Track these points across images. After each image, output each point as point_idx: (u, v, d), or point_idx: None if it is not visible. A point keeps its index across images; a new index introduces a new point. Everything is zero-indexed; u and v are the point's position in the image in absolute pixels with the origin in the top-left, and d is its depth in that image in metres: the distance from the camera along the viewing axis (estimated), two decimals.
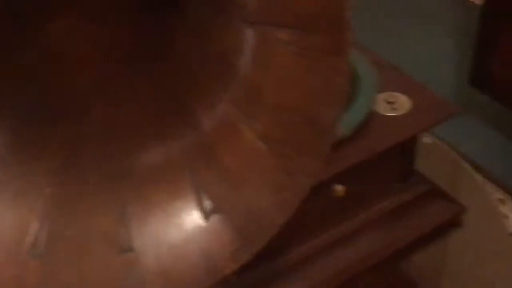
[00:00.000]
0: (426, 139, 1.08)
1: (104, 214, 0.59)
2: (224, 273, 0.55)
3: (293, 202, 0.54)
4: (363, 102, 0.84)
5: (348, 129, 0.82)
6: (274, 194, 0.54)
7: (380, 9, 2.18)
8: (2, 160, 0.59)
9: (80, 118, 0.63)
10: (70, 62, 0.65)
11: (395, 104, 0.86)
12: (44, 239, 0.58)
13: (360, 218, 0.88)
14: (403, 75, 0.91)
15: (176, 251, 0.57)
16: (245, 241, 0.55)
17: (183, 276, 0.56)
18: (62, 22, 0.64)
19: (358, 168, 0.82)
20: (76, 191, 0.60)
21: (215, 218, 0.56)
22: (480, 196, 1.02)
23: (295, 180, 0.53)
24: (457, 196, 0.98)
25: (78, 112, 0.63)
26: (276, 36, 0.52)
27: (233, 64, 0.55)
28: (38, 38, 0.63)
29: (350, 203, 0.87)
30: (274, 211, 0.54)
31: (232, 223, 0.55)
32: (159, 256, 0.57)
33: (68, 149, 0.62)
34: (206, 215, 0.56)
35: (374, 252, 0.88)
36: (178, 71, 0.61)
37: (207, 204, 0.57)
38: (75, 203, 0.60)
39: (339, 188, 0.84)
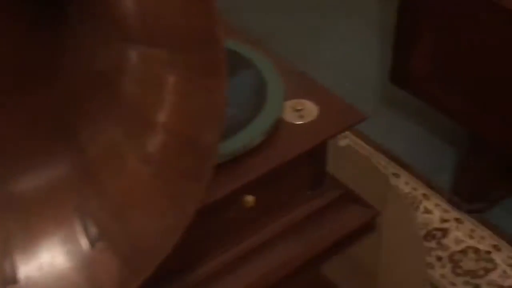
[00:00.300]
0: (342, 142, 1.08)
1: None
2: None
3: (178, 228, 0.52)
4: (270, 110, 0.83)
5: (255, 138, 0.81)
6: (159, 220, 0.52)
7: (305, 5, 2.18)
8: None
9: None
10: None
11: (302, 112, 0.85)
12: None
13: (272, 227, 0.87)
14: (310, 81, 0.90)
15: (63, 282, 0.54)
16: (131, 269, 0.53)
17: None
18: None
19: (267, 177, 0.81)
20: None
21: (100, 246, 0.54)
22: (396, 198, 1.02)
23: (179, 205, 0.51)
24: (374, 197, 0.98)
25: None
26: (155, 56, 0.50)
27: (116, 84, 0.53)
28: None
29: (262, 213, 0.86)
30: (159, 238, 0.52)
31: (117, 250, 0.53)
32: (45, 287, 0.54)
33: None
34: (92, 243, 0.54)
35: (289, 261, 0.87)
36: (62, 92, 0.59)
37: (93, 231, 0.54)
38: None
39: (249, 199, 0.83)
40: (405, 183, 1.60)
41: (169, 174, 0.51)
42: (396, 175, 1.61)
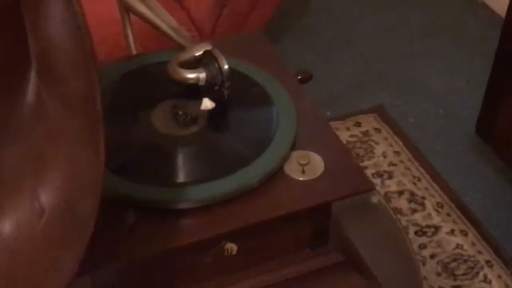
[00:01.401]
0: (374, 198, 0.99)
1: None
2: None
3: None
4: (267, 158, 0.77)
5: (244, 186, 0.75)
6: (42, 280, 0.49)
7: (421, 30, 2.06)
8: None
9: None
10: None
11: (306, 166, 0.77)
12: None
13: (253, 281, 0.81)
14: (329, 134, 0.83)
15: None
16: None
17: None
18: None
19: (252, 229, 0.75)
20: None
21: None
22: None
23: (58, 270, 0.48)
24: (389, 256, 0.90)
25: None
26: (56, 106, 0.46)
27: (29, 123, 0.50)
28: None
29: (245, 264, 0.80)
30: None
31: None
32: None
33: None
34: None
35: None
36: None
37: None
38: None
39: (231, 247, 0.78)
40: (471, 244, 1.47)
41: (55, 234, 0.48)
42: (463, 233, 1.48)
